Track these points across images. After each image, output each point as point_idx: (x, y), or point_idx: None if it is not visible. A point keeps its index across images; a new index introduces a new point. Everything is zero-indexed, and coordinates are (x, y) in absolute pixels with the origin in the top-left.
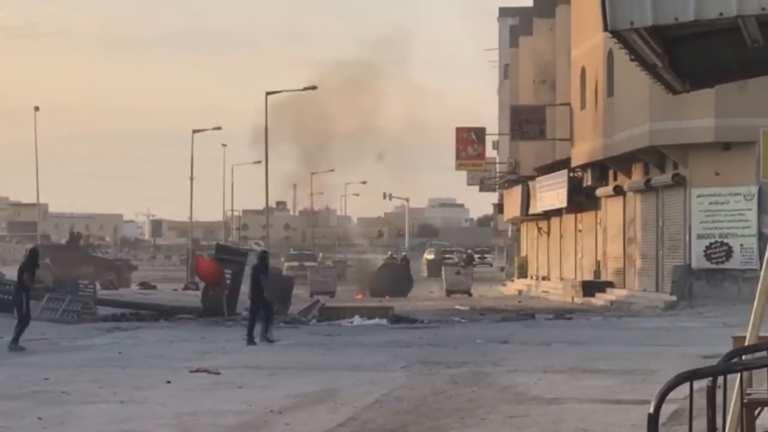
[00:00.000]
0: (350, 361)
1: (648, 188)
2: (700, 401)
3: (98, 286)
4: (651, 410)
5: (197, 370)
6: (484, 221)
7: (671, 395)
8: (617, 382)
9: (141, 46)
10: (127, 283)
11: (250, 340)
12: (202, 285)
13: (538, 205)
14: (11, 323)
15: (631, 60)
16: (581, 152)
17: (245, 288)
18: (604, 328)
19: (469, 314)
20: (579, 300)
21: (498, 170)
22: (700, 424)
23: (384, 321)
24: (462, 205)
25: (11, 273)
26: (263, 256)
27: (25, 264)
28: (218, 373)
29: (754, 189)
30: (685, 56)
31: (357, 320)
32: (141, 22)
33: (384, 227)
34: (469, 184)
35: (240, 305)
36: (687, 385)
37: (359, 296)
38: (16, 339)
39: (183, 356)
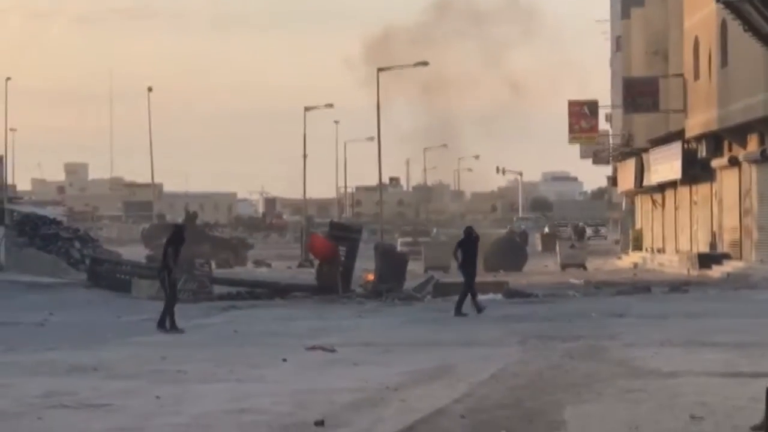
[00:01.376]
0: (465, 337)
1: (764, 158)
2: None
3: (214, 264)
4: None
5: (313, 348)
6: (598, 194)
7: None
8: (735, 355)
9: (251, 24)
10: (243, 261)
11: (458, 312)
12: (316, 262)
13: (653, 178)
14: (127, 303)
15: (745, 30)
16: (695, 123)
17: (359, 264)
18: (720, 301)
19: (583, 288)
20: (695, 272)
21: (611, 143)
22: None
23: (499, 296)
24: (575, 179)
25: (128, 253)
26: (469, 231)
27: (168, 241)
28: (334, 351)
29: None
30: None
31: None
32: (251, 1)
33: (497, 201)
34: (582, 157)
35: (354, 282)
36: None
37: None
38: (162, 321)
39: (298, 334)
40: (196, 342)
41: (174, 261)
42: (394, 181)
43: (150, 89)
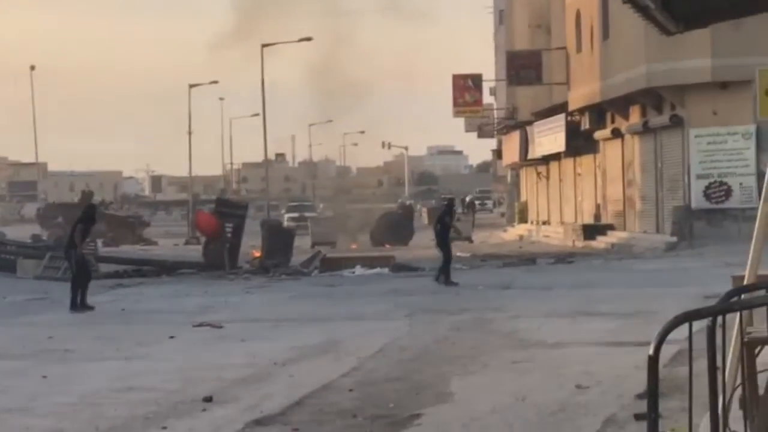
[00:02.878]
0: (353, 312)
1: (646, 130)
2: (701, 342)
3: (100, 244)
4: (651, 352)
5: (200, 325)
6: (484, 167)
7: (673, 336)
8: (619, 325)
9: (132, 4)
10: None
11: (448, 282)
12: (203, 239)
13: (537, 150)
14: (12, 283)
15: (624, 2)
16: (578, 96)
17: (246, 241)
18: (605, 271)
19: (470, 261)
20: (580, 243)
21: (496, 116)
22: (701, 364)
23: (386, 270)
24: (461, 152)
25: (12, 233)
26: (450, 203)
27: (79, 219)
28: (221, 327)
29: (752, 128)
30: None
31: (359, 270)
32: None
33: (383, 176)
34: (467, 130)
35: (241, 258)
36: (688, 326)
37: (354, 246)
38: (73, 301)
39: (186, 311)
40: (82, 321)
41: (82, 239)
42: (280, 157)
43: (33, 68)
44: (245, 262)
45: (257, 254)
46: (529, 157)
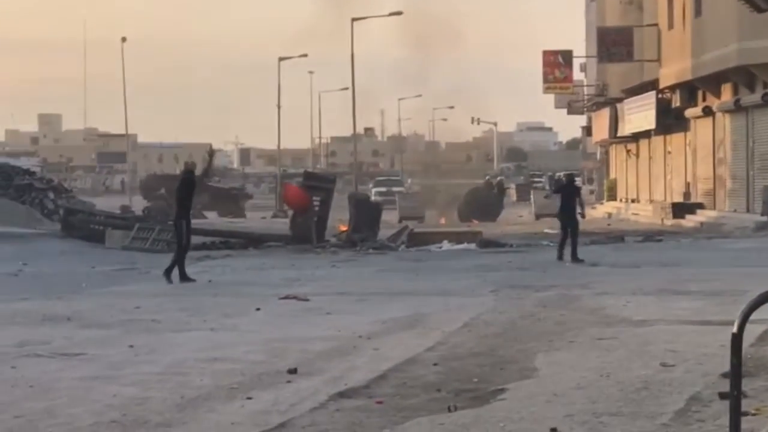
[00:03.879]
0: (439, 286)
1: (737, 108)
2: None
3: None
4: (734, 330)
5: (286, 297)
6: (573, 144)
7: (761, 316)
8: (706, 304)
9: None
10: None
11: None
12: (290, 212)
13: (627, 128)
14: (101, 253)
15: None
16: (669, 73)
17: (333, 215)
18: (693, 250)
19: (557, 238)
20: (669, 222)
21: (586, 93)
22: None
23: (473, 246)
24: (550, 129)
25: (101, 204)
26: (571, 179)
27: (179, 187)
28: (307, 300)
29: None
30: None
31: (446, 245)
32: None
33: (473, 152)
34: (556, 107)
35: (328, 232)
36: None
37: (443, 221)
38: (170, 269)
39: (272, 284)
40: (170, 292)
41: (184, 207)
42: (368, 131)
43: (124, 39)
44: (332, 236)
45: (344, 228)
46: (619, 134)
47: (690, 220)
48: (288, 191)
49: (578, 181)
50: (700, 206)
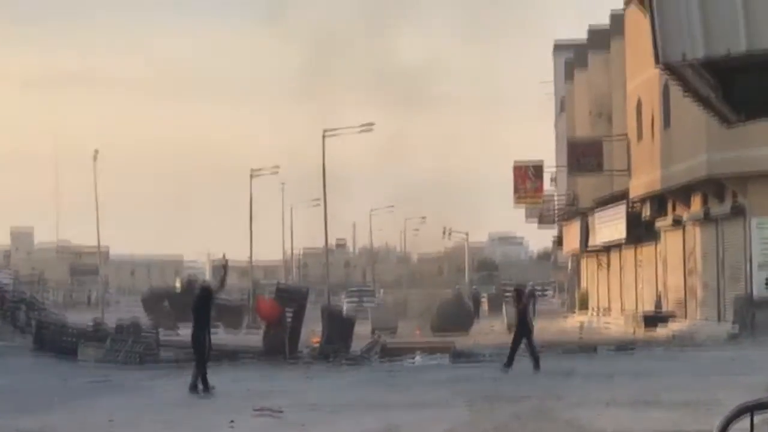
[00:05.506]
0: (412, 398)
1: (707, 219)
2: None
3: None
4: None
5: (260, 410)
6: (544, 255)
7: (735, 426)
8: (681, 414)
9: (192, 89)
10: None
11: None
12: (263, 325)
13: (598, 238)
14: (74, 367)
15: (684, 94)
16: (639, 184)
17: (306, 327)
18: (666, 360)
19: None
20: (641, 332)
21: (556, 204)
22: None
23: (446, 359)
24: (521, 240)
25: (74, 317)
26: (520, 290)
27: (197, 301)
28: (281, 413)
29: None
30: (738, 87)
31: (418, 360)
32: (192, 67)
33: (444, 263)
34: (527, 218)
35: (302, 344)
36: (749, 416)
37: (418, 332)
38: (194, 384)
39: (246, 396)
40: (143, 405)
41: (207, 322)
42: (340, 243)
43: (96, 153)
44: (305, 347)
45: (317, 340)
46: (590, 245)
47: (662, 330)
48: (261, 304)
49: (528, 288)
50: (672, 316)
